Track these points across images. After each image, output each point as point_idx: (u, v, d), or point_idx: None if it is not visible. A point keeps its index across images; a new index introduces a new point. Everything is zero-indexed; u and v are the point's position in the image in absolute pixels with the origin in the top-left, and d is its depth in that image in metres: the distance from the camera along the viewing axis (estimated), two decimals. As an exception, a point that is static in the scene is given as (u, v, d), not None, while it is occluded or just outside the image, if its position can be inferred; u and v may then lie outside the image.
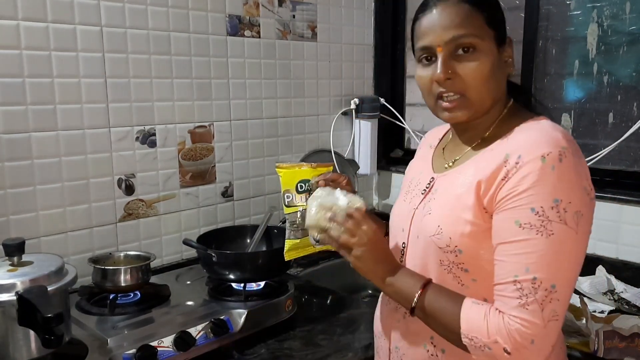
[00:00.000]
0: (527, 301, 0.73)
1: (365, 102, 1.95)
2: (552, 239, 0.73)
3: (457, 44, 0.81)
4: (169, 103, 1.49)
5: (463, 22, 0.81)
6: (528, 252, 0.74)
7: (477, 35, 0.80)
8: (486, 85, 0.82)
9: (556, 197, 0.73)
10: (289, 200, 1.02)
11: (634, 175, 1.55)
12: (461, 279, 0.83)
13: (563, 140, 0.76)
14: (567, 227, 0.74)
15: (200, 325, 1.14)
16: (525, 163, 0.75)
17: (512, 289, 0.74)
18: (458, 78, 0.82)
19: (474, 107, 0.84)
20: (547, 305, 0.73)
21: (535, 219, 0.73)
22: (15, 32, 1.20)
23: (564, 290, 0.74)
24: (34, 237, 1.26)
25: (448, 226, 0.82)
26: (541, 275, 0.73)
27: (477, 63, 0.81)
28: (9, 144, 1.22)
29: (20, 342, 0.92)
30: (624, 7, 1.53)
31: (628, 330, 1.15)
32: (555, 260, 0.73)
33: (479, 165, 0.83)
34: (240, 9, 1.61)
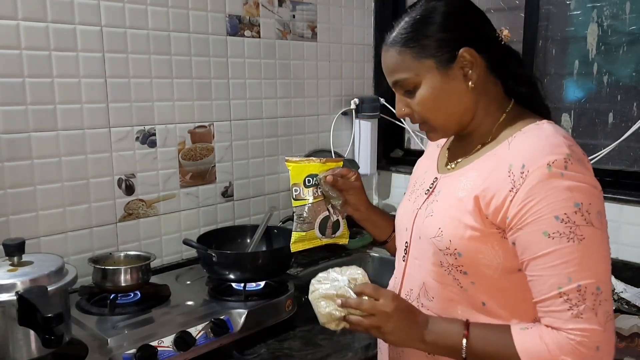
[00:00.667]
0: (580, 310, 0.72)
1: (365, 102, 1.95)
2: (585, 243, 0.73)
3: (399, 86, 0.88)
4: (169, 103, 1.49)
5: (395, 67, 0.87)
6: (565, 261, 0.73)
7: (411, 76, 0.85)
8: (438, 111, 0.86)
9: (576, 201, 0.73)
10: (297, 193, 1.05)
11: (634, 175, 1.55)
12: (460, 281, 0.83)
13: (565, 146, 0.76)
14: (595, 228, 0.74)
15: (200, 325, 1.14)
16: (531, 172, 0.75)
17: (560, 302, 0.73)
18: (413, 112, 0.88)
19: (440, 130, 0.88)
20: (599, 308, 0.73)
21: (562, 226, 0.73)
22: (15, 32, 1.20)
23: (607, 289, 0.74)
24: (34, 237, 1.26)
25: (448, 229, 0.83)
26: (585, 281, 0.72)
27: (420, 98, 0.85)
28: (9, 144, 1.22)
29: (20, 342, 0.92)
30: (624, 7, 1.53)
31: (628, 330, 1.16)
32: (592, 263, 0.73)
33: (482, 170, 0.83)
34: (240, 9, 1.61)
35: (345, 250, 1.87)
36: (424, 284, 0.89)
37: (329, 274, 0.90)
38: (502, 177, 0.78)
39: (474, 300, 0.84)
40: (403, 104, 0.88)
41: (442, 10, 0.84)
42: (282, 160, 1.79)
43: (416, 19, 0.85)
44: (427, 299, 0.89)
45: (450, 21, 0.84)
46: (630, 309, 1.35)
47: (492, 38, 0.87)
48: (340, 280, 0.87)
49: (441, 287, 0.86)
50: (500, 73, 0.87)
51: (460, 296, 0.85)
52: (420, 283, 0.90)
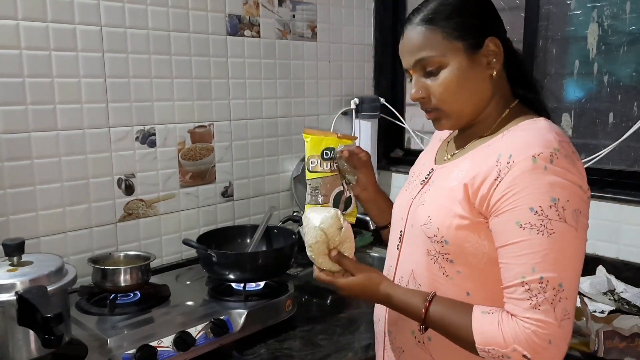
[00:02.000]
0: (538, 301, 0.74)
1: (365, 102, 1.95)
2: (554, 238, 0.74)
3: (422, 65, 0.86)
4: (169, 103, 1.49)
5: (421, 44, 0.85)
6: (532, 252, 0.74)
7: (437, 54, 0.84)
8: (458, 96, 0.85)
9: (553, 195, 0.74)
10: (314, 165, 1.03)
11: (634, 175, 1.55)
12: (446, 269, 0.85)
13: (555, 141, 0.77)
14: (567, 225, 0.74)
15: (200, 325, 1.14)
16: (516, 163, 0.76)
17: (521, 290, 0.75)
18: (431, 95, 0.86)
19: (453, 117, 0.88)
20: (558, 304, 0.74)
21: (535, 218, 0.74)
22: (15, 32, 1.20)
23: (571, 288, 0.75)
24: (33, 237, 1.26)
25: (437, 217, 0.85)
26: (548, 275, 0.74)
27: (444, 80, 0.84)
28: (9, 144, 1.22)
29: (20, 342, 0.92)
30: (624, 7, 1.53)
31: (628, 331, 1.15)
32: (559, 259, 0.74)
33: (474, 160, 0.85)
34: (240, 9, 1.61)
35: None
36: (413, 272, 0.91)
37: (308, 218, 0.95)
38: (491, 165, 0.79)
39: (459, 289, 0.85)
40: (420, 86, 0.87)
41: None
42: (282, 160, 1.80)
43: (450, 1, 0.85)
44: (415, 285, 0.91)
45: (482, 9, 0.86)
46: (631, 309, 1.35)
47: (506, 37, 0.89)
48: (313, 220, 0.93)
49: (428, 275, 0.88)
50: (512, 72, 0.89)
51: (446, 285, 0.86)
52: (409, 270, 0.92)
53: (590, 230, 1.61)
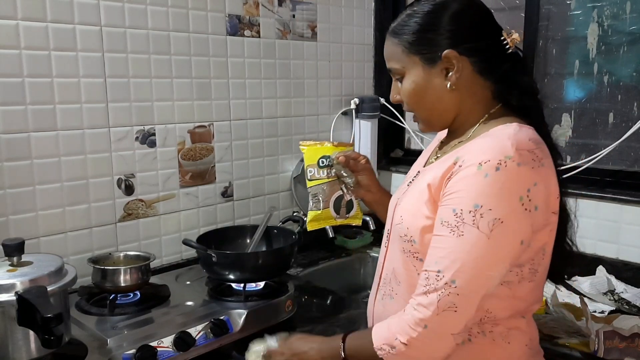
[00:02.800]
0: (429, 289, 0.80)
1: (366, 102, 1.95)
2: (462, 240, 0.79)
3: (392, 74, 0.94)
4: (169, 103, 1.49)
5: (389, 56, 0.93)
6: (440, 247, 0.81)
7: (399, 67, 0.91)
8: (420, 105, 0.92)
9: (477, 202, 0.78)
10: (311, 174, 1.11)
11: (634, 175, 1.55)
12: (417, 268, 0.88)
13: (511, 149, 0.78)
14: (478, 231, 0.78)
15: (200, 326, 1.14)
16: (464, 167, 0.80)
17: (423, 277, 0.82)
18: (402, 99, 0.94)
19: (424, 121, 0.95)
20: (444, 297, 0.79)
21: (452, 218, 0.80)
22: (14, 32, 1.20)
23: (465, 287, 0.79)
24: (33, 237, 1.26)
25: (408, 217, 0.89)
26: (444, 270, 0.80)
27: (405, 89, 0.92)
28: (9, 144, 1.21)
29: (20, 343, 0.92)
30: (624, 7, 1.53)
31: (628, 331, 1.15)
32: (459, 259, 0.79)
33: (441, 164, 0.88)
34: (240, 9, 1.61)
35: (346, 250, 1.87)
36: (394, 269, 0.95)
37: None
38: (448, 168, 0.84)
39: None
40: (396, 91, 0.95)
41: (436, 10, 0.87)
42: (282, 160, 1.80)
43: (411, 15, 0.89)
44: (396, 283, 0.94)
45: (443, 23, 0.87)
46: (631, 309, 1.35)
47: (491, 42, 0.88)
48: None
49: (405, 272, 0.91)
50: (493, 76, 0.89)
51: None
52: (392, 268, 0.95)
53: (590, 230, 1.61)
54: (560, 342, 1.20)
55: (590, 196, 1.53)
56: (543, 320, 1.28)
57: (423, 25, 0.88)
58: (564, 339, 1.22)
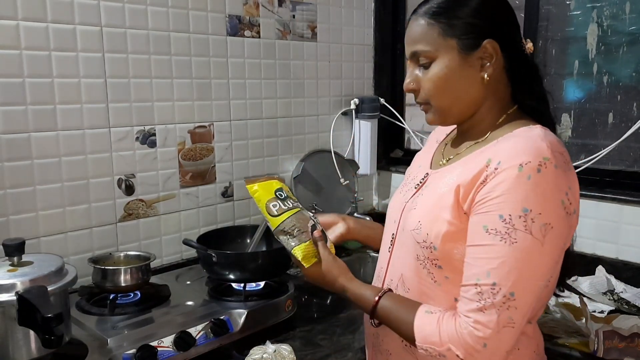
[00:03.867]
0: (485, 305, 0.75)
1: (365, 102, 1.95)
2: (515, 247, 0.74)
3: (416, 58, 0.87)
4: (169, 103, 1.49)
5: (419, 37, 0.85)
6: (491, 257, 0.75)
7: (431, 49, 0.84)
8: (446, 93, 0.85)
9: (526, 206, 0.74)
10: (277, 208, 0.97)
11: (634, 176, 1.55)
12: (434, 275, 0.85)
13: (547, 151, 0.76)
14: (532, 238, 0.74)
15: (200, 325, 1.14)
16: (502, 170, 0.76)
17: (474, 291, 0.76)
18: (421, 88, 0.87)
19: (440, 113, 0.88)
20: (504, 311, 0.74)
21: (501, 225, 0.75)
22: (15, 32, 1.20)
23: (523, 299, 0.75)
24: (33, 237, 1.26)
25: (427, 223, 0.84)
26: (500, 282, 0.74)
27: (433, 74, 0.85)
28: (9, 144, 1.22)
29: (20, 342, 0.92)
30: (624, 7, 1.53)
31: (628, 331, 1.15)
32: (516, 269, 0.74)
33: (465, 166, 0.84)
34: (240, 9, 1.61)
35: (345, 250, 1.87)
36: (402, 275, 0.91)
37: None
38: (480, 170, 0.79)
39: (447, 295, 0.85)
40: (413, 78, 0.88)
41: None
42: (282, 161, 1.80)
43: None
44: (404, 289, 0.91)
45: (484, 9, 0.84)
46: (630, 309, 1.35)
47: (517, 42, 0.87)
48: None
49: (417, 279, 0.88)
50: (513, 78, 0.87)
51: (434, 291, 0.86)
52: (399, 274, 0.92)
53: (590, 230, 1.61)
54: (559, 342, 1.20)
55: (589, 196, 1.53)
56: (543, 320, 1.28)
57: (464, 9, 0.83)
58: (564, 338, 1.22)
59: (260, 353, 1.04)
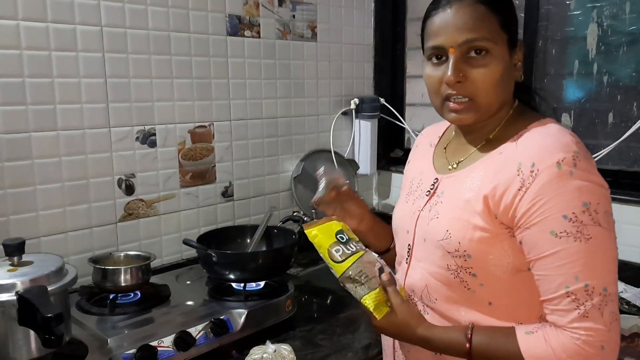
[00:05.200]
0: (587, 309, 0.72)
1: (365, 102, 1.95)
2: (592, 243, 0.72)
3: (470, 46, 0.79)
4: (169, 103, 1.49)
5: (477, 24, 0.78)
6: (572, 261, 0.73)
7: (491, 39, 0.79)
8: (495, 90, 0.81)
9: (584, 200, 0.73)
10: (340, 253, 0.88)
11: (634, 175, 1.55)
12: (468, 283, 0.83)
13: (573, 144, 0.75)
14: (602, 229, 0.73)
15: (200, 325, 1.14)
16: (541, 171, 0.74)
17: (567, 301, 0.73)
18: (468, 82, 0.80)
19: (480, 111, 0.82)
20: (605, 308, 0.72)
21: (569, 225, 0.72)
22: (15, 32, 1.20)
23: (614, 290, 0.74)
24: (34, 237, 1.26)
25: (457, 231, 0.81)
26: (592, 281, 0.72)
27: (489, 68, 0.79)
28: (9, 144, 1.22)
29: (20, 342, 0.92)
30: (624, 7, 1.53)
31: (628, 331, 1.16)
32: (599, 264, 0.73)
33: (488, 169, 0.82)
34: (240, 9, 1.61)
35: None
36: (427, 286, 0.88)
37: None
38: (511, 175, 0.77)
39: (480, 301, 0.83)
40: (459, 69, 0.80)
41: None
42: (282, 160, 1.80)
43: None
44: (429, 300, 0.88)
45: (515, 9, 0.84)
46: (630, 309, 1.35)
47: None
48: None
49: (445, 288, 0.85)
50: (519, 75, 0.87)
51: (465, 298, 0.84)
52: (422, 285, 0.89)
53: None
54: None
55: (590, 196, 1.53)
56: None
57: (512, 7, 0.82)
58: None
59: (260, 353, 1.04)
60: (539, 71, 1.71)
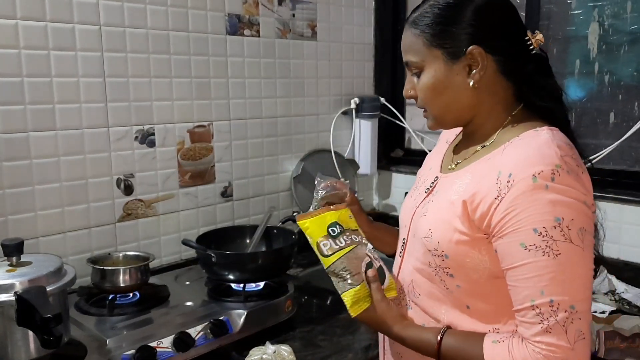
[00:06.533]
0: (550, 325, 0.72)
1: (366, 102, 1.95)
2: (560, 259, 0.72)
3: (409, 67, 0.88)
4: (168, 102, 1.48)
5: (408, 48, 0.87)
6: (538, 275, 0.73)
7: (418, 60, 0.85)
8: (436, 101, 0.86)
9: (557, 215, 0.72)
10: (327, 248, 0.89)
11: (635, 175, 1.55)
12: (446, 283, 0.84)
13: (556, 157, 0.74)
14: (573, 245, 0.72)
15: (200, 326, 1.13)
16: (516, 182, 0.74)
17: (532, 314, 0.73)
18: (418, 94, 0.88)
19: (437, 119, 0.88)
20: (570, 326, 0.72)
21: (539, 239, 0.72)
22: (13, 32, 1.19)
23: (583, 308, 0.73)
24: (32, 237, 1.26)
25: (438, 231, 0.83)
26: (558, 297, 0.72)
27: (422, 84, 0.86)
28: (8, 144, 1.21)
29: (19, 343, 0.92)
30: (625, 7, 1.53)
31: (629, 331, 1.15)
32: (567, 280, 0.73)
33: (475, 174, 0.82)
34: (239, 8, 1.61)
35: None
36: (412, 281, 0.90)
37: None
38: (491, 183, 0.77)
39: (458, 302, 0.84)
40: (410, 85, 0.89)
41: (460, 2, 0.82)
42: (282, 160, 1.79)
43: (435, 6, 0.84)
44: (414, 295, 0.90)
45: (468, 16, 0.82)
46: (632, 309, 1.35)
47: (516, 41, 0.84)
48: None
49: (428, 285, 0.87)
50: (515, 77, 0.85)
51: (446, 297, 0.85)
52: (409, 280, 0.91)
53: (591, 230, 1.56)
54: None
55: (590, 196, 1.53)
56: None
57: (447, 18, 0.82)
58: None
59: (260, 354, 1.04)
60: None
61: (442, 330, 0.83)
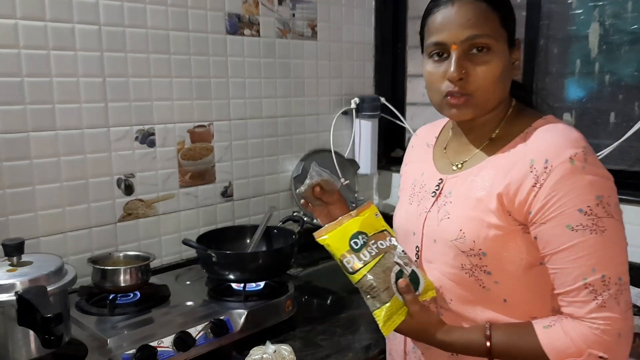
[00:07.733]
0: (604, 299, 0.74)
1: (366, 102, 1.95)
2: (606, 235, 0.75)
3: (472, 43, 0.80)
4: (168, 102, 1.48)
5: (480, 21, 0.79)
6: (588, 253, 0.75)
7: (492, 36, 0.80)
8: (495, 87, 0.82)
9: (597, 193, 0.75)
10: (351, 265, 0.83)
11: (635, 175, 1.55)
12: (483, 281, 0.83)
13: (581, 139, 0.78)
14: (614, 220, 0.76)
15: (200, 326, 1.13)
16: (555, 167, 0.76)
17: (585, 292, 0.75)
18: (470, 78, 0.81)
19: (479, 107, 0.83)
20: (620, 297, 0.75)
21: (585, 219, 0.75)
22: (13, 31, 1.19)
23: (627, 279, 0.76)
24: (33, 237, 1.26)
25: (471, 230, 0.82)
26: (608, 272, 0.74)
27: (490, 65, 0.80)
28: (8, 144, 1.21)
29: (20, 343, 0.92)
30: (626, 6, 1.53)
31: (630, 331, 1.15)
32: (613, 254, 0.76)
33: (499, 167, 0.82)
34: (239, 8, 1.61)
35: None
36: (441, 287, 0.88)
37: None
38: (524, 172, 0.78)
39: (495, 298, 0.84)
40: (463, 64, 0.80)
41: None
42: (282, 160, 1.79)
43: None
44: (444, 301, 0.88)
45: (512, 10, 0.85)
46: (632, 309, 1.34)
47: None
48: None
49: (459, 289, 0.86)
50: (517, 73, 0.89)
51: (481, 296, 0.84)
52: (437, 287, 0.88)
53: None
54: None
55: (591, 196, 1.53)
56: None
57: (511, 6, 0.83)
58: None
59: (260, 353, 1.04)
60: (540, 70, 1.70)
61: (488, 326, 0.82)
